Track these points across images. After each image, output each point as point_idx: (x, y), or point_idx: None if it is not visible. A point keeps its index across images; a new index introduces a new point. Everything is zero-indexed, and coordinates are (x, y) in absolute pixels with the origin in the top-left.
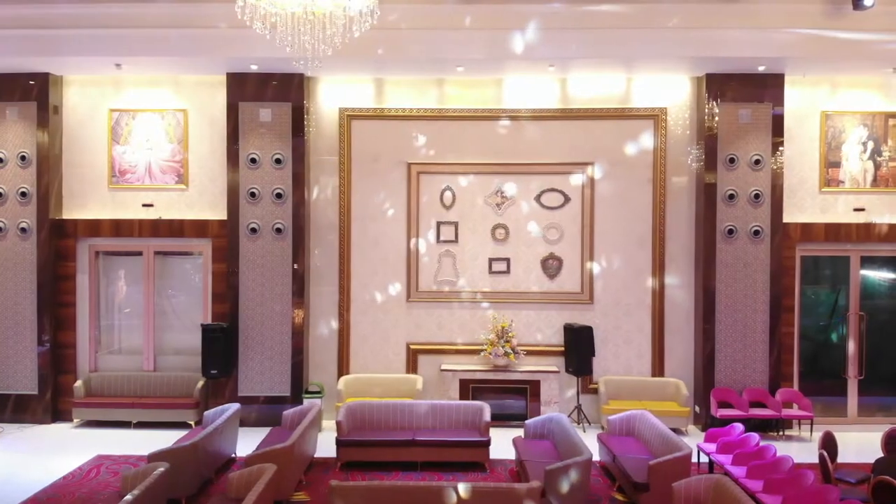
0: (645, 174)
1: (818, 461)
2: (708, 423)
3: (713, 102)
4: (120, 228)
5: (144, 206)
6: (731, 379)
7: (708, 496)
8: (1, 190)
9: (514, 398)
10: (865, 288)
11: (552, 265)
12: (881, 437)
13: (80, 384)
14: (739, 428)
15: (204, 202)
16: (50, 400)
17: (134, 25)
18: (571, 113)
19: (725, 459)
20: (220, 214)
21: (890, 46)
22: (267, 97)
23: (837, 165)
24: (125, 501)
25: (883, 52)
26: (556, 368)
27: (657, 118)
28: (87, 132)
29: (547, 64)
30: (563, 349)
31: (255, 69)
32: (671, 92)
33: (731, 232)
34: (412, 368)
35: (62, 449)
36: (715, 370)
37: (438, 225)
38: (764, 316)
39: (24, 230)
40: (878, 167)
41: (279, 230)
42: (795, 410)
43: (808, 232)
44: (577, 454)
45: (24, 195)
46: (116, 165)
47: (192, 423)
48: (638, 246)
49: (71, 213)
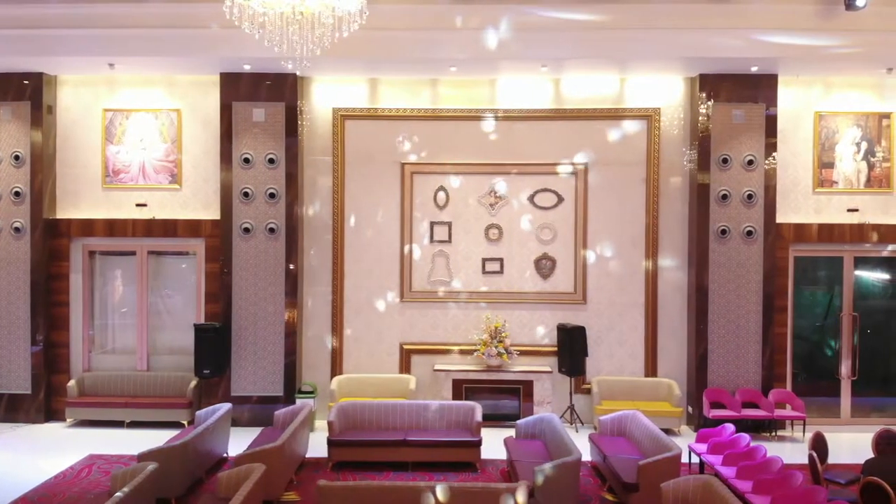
0: (638, 174)
1: (808, 462)
2: (700, 423)
3: (707, 103)
4: (114, 228)
5: (138, 205)
6: (724, 379)
7: (696, 496)
8: None
9: (507, 398)
10: (860, 289)
11: (545, 265)
12: (872, 437)
13: (73, 384)
14: (730, 428)
15: (197, 202)
16: (43, 399)
17: (127, 25)
18: (565, 113)
19: (716, 460)
20: (213, 214)
21: (882, 47)
22: (260, 97)
23: (831, 166)
24: (112, 500)
25: (875, 52)
26: (549, 369)
27: (651, 118)
28: (80, 132)
29: (539, 64)
30: (556, 349)
31: (248, 69)
32: (665, 92)
33: (724, 232)
34: (405, 369)
35: (55, 448)
36: (708, 370)
37: (432, 225)
38: (757, 316)
39: (17, 230)
40: (871, 168)
41: (272, 230)
42: (788, 411)
43: (801, 232)
44: (567, 454)
45: (17, 195)
46: (110, 165)
47: (185, 422)
48: (631, 246)
49: (65, 212)
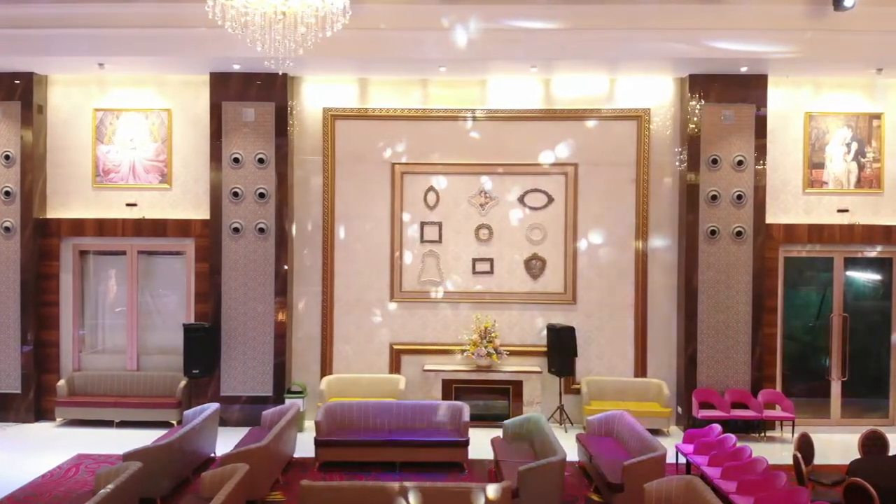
0: (628, 175)
1: (793, 463)
2: (689, 423)
3: (696, 103)
4: (104, 228)
5: (128, 205)
6: (713, 380)
7: (679, 497)
8: None
9: (496, 398)
10: (852, 289)
11: (536, 265)
12: (858, 438)
13: (63, 383)
14: (717, 429)
15: (187, 202)
16: (33, 399)
17: (116, 25)
18: (555, 113)
19: (702, 460)
20: (203, 214)
21: (871, 47)
22: (250, 97)
23: (821, 167)
24: (93, 500)
25: (865, 52)
26: (538, 369)
27: (641, 119)
28: (71, 131)
29: (529, 65)
30: (546, 350)
31: (237, 69)
32: (655, 93)
33: (713, 233)
34: (395, 369)
35: (43, 448)
36: (697, 371)
37: (422, 225)
38: (746, 317)
39: (7, 229)
40: (861, 168)
41: (262, 230)
42: (777, 412)
43: (791, 233)
44: (552, 454)
45: (8, 194)
46: (100, 165)
47: (174, 422)
48: (621, 247)
49: (55, 212)
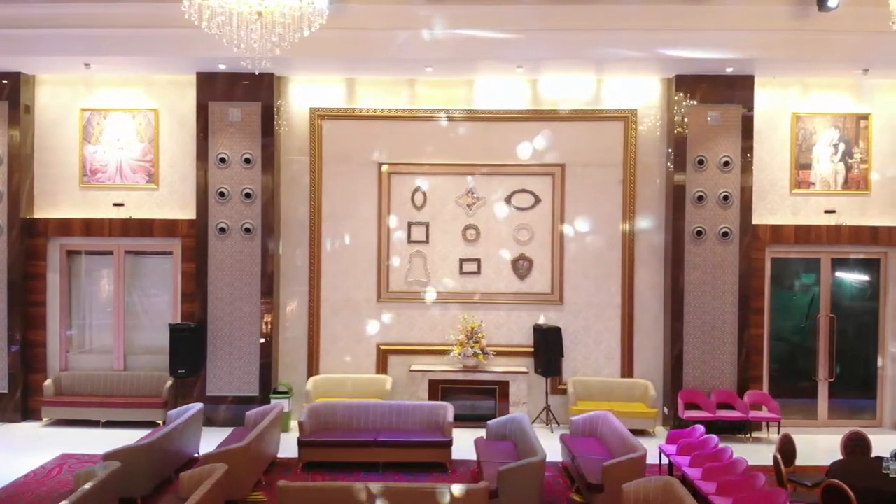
0: (615, 175)
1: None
2: (675, 424)
3: (683, 104)
4: (90, 228)
5: (115, 205)
6: (699, 380)
7: (657, 498)
8: None
9: (483, 399)
10: (840, 290)
11: (523, 266)
12: (840, 439)
13: (49, 383)
14: (700, 430)
15: (174, 202)
16: (20, 399)
17: (102, 25)
18: (543, 114)
19: (684, 461)
20: (189, 214)
21: (857, 47)
22: (237, 97)
23: (808, 167)
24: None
25: (850, 53)
26: (525, 369)
27: (628, 119)
28: (58, 131)
29: (515, 65)
30: (532, 350)
31: (223, 69)
32: (642, 93)
33: (699, 233)
34: (382, 369)
35: (29, 447)
36: (683, 372)
37: (409, 225)
38: (732, 318)
39: None
40: (849, 169)
41: (248, 230)
42: (763, 413)
43: (777, 233)
44: (533, 455)
45: None
46: (88, 165)
47: (160, 422)
48: (608, 247)
49: (42, 212)
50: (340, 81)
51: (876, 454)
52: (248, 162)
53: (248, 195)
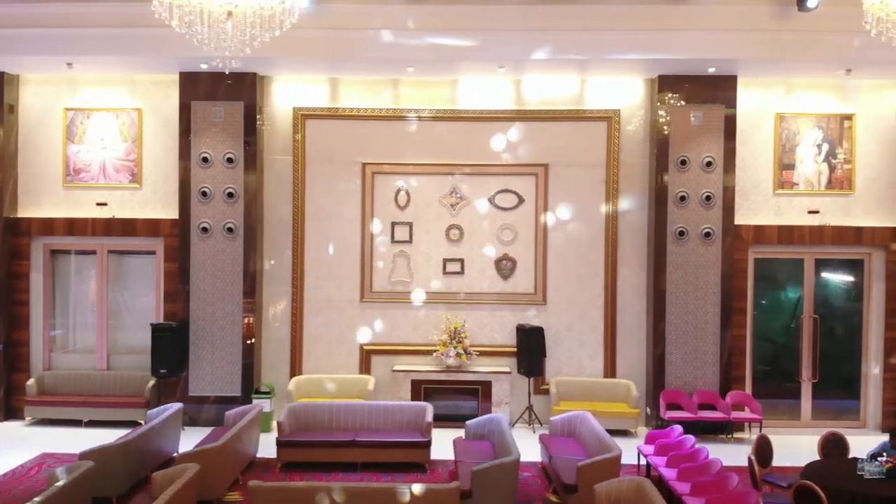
0: (598, 175)
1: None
2: (657, 424)
3: (665, 104)
4: (74, 227)
5: (98, 204)
6: (681, 381)
7: (630, 499)
8: None
9: (466, 399)
10: (825, 291)
11: (506, 266)
12: (818, 440)
13: (32, 382)
14: (678, 430)
15: (157, 201)
16: (2, 398)
17: (84, 25)
18: (526, 114)
19: (661, 461)
20: (172, 213)
21: (838, 48)
22: (220, 96)
23: (792, 168)
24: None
25: (832, 53)
26: (508, 369)
27: (611, 120)
28: (42, 131)
29: (497, 65)
30: (515, 350)
31: (204, 68)
32: (625, 94)
33: (682, 234)
34: (365, 369)
35: (9, 446)
36: (665, 372)
37: (393, 225)
38: (715, 318)
39: None
40: (832, 170)
41: (230, 230)
42: (745, 413)
43: (760, 234)
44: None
45: None
46: (71, 164)
47: (142, 421)
48: (591, 247)
49: (25, 211)
50: (324, 81)
51: (854, 455)
52: (230, 161)
53: (230, 195)
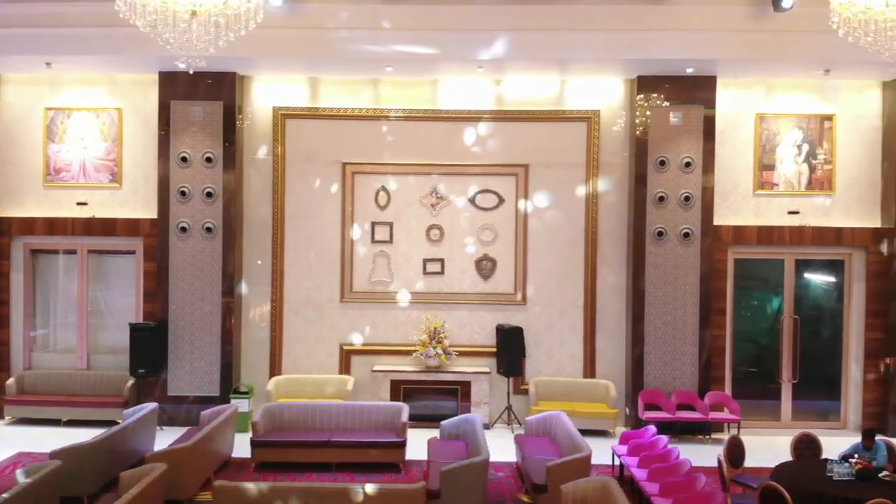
0: (578, 175)
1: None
2: (635, 425)
3: (644, 105)
4: (54, 227)
5: (79, 204)
6: (660, 381)
7: (596, 499)
8: None
9: (445, 399)
10: (807, 292)
11: (486, 266)
12: (790, 441)
13: (12, 382)
14: (652, 430)
15: (137, 201)
16: None
17: (62, 24)
18: (506, 115)
19: (633, 462)
20: (152, 213)
21: (816, 48)
22: (199, 96)
23: (772, 168)
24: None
25: (810, 53)
26: (487, 369)
27: (590, 120)
28: (22, 130)
29: (475, 66)
30: (495, 350)
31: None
32: (605, 94)
33: (660, 234)
34: (345, 369)
35: None
36: (644, 372)
37: (373, 225)
38: (694, 318)
39: None
40: (812, 170)
41: (209, 229)
42: (724, 414)
43: (740, 234)
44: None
45: None
46: (51, 164)
47: (120, 421)
48: (571, 247)
49: (6, 210)
50: (304, 81)
51: (826, 457)
52: (209, 161)
53: (209, 194)
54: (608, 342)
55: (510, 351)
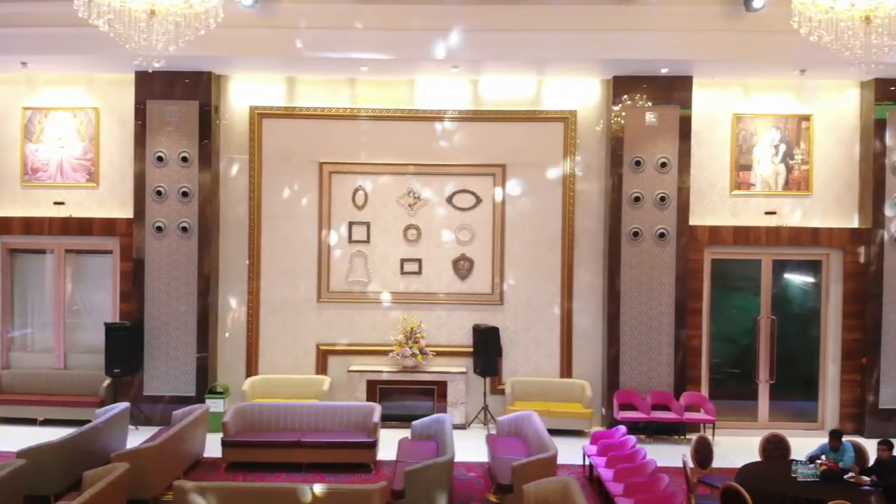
0: (555, 176)
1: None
2: (611, 425)
3: (620, 105)
4: (31, 226)
5: (56, 203)
6: (635, 381)
7: (555, 498)
8: None
9: (421, 399)
10: (785, 292)
11: (463, 266)
12: (759, 442)
13: None
14: (622, 430)
15: (114, 200)
16: None
17: (37, 24)
18: (483, 115)
19: (602, 461)
20: (129, 213)
21: (790, 48)
22: (175, 95)
23: (749, 168)
24: None
25: (784, 53)
26: (464, 369)
27: (567, 120)
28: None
29: (450, 65)
30: (472, 350)
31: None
32: (581, 95)
33: (636, 234)
34: (322, 369)
35: None
36: (620, 372)
37: (350, 225)
38: (669, 318)
39: None
40: (789, 170)
41: (185, 229)
42: (700, 414)
43: (716, 235)
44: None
45: None
46: (29, 163)
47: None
48: (548, 247)
49: None
50: (281, 80)
51: (793, 457)
52: (185, 160)
53: (184, 194)
54: (584, 342)
55: (486, 351)
